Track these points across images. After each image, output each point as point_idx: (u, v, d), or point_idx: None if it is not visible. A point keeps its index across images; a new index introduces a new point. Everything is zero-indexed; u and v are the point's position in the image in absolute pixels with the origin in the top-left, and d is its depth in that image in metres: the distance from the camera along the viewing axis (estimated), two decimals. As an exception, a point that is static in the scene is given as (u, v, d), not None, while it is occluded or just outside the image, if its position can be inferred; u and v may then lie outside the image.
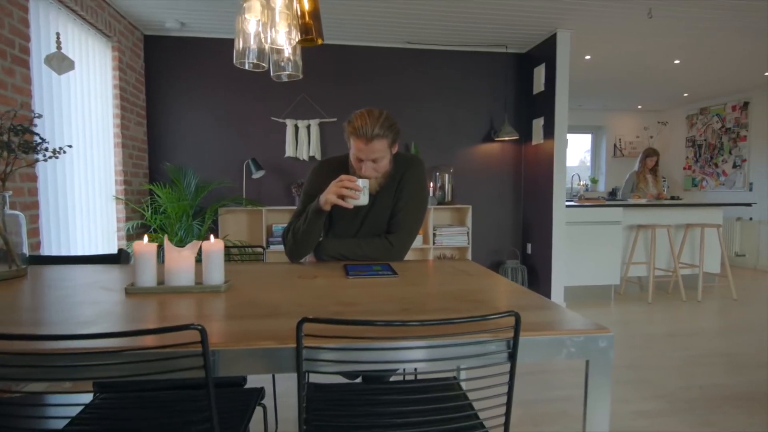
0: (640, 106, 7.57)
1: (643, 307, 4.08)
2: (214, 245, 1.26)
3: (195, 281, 1.25)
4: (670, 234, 4.41)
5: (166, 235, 1.20)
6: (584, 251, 4.23)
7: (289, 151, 4.00)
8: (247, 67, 1.29)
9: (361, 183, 1.49)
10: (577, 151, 8.11)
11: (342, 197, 1.50)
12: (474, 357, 0.82)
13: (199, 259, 1.26)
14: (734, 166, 6.50)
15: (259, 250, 1.89)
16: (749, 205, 5.08)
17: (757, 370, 2.63)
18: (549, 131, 4.05)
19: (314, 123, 4.03)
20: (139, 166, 3.76)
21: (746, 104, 6.30)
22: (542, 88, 4.14)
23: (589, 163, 8.13)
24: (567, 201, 4.18)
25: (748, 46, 4.41)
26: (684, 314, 3.85)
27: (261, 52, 1.27)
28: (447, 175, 4.25)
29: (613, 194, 6.97)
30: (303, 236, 1.62)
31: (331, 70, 4.16)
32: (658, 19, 3.67)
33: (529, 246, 4.44)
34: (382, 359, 0.80)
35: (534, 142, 4.31)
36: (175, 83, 3.93)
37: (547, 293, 4.09)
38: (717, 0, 3.32)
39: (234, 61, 1.29)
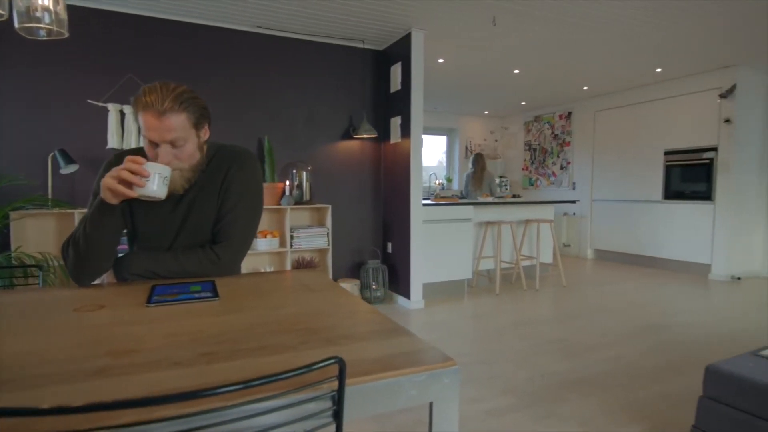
0: (486, 112, 8.22)
1: (492, 299, 4.34)
2: None
3: None
4: (513, 229, 4.79)
5: None
6: (440, 248, 4.35)
7: (113, 142, 3.33)
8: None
9: (152, 167, 1.12)
10: (435, 151, 8.51)
11: (126, 184, 1.11)
12: (283, 426, 0.59)
13: None
14: (561, 167, 7.42)
15: (34, 270, 1.42)
16: (574, 202, 5.83)
17: (585, 353, 2.91)
18: (406, 130, 4.06)
19: (146, 110, 3.43)
20: None
21: (570, 114, 7.23)
22: (399, 87, 4.13)
23: (445, 164, 8.59)
24: (425, 199, 4.24)
25: (571, 62, 4.99)
26: (526, 303, 4.19)
27: (-8, -8, 0.87)
28: (305, 173, 3.99)
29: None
30: (86, 244, 1.20)
31: (168, 50, 3.59)
32: (502, 28, 3.90)
33: (389, 245, 4.42)
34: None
35: (392, 141, 4.29)
36: (-58, 49, 3.00)
37: (407, 292, 4.10)
38: (545, 15, 3.63)
39: (-57, 0, 0.87)
